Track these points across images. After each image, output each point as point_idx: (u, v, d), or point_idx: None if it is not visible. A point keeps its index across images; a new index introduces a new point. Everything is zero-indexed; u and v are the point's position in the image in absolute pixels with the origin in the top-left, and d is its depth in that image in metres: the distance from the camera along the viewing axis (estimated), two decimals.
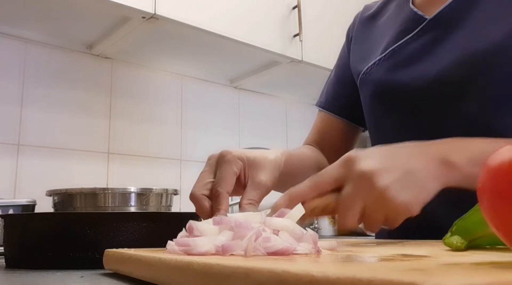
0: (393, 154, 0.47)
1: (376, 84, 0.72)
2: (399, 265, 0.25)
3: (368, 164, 0.44)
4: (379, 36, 0.76)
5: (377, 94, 0.72)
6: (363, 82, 0.75)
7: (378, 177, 0.43)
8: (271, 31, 1.52)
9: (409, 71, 0.67)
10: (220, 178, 0.53)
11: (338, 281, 0.19)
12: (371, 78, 0.73)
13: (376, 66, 0.72)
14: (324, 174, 0.47)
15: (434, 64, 0.64)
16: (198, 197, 0.52)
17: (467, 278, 0.16)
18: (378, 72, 0.72)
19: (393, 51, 0.70)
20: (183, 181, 1.64)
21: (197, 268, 0.28)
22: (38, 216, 0.57)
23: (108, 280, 0.39)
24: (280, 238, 0.36)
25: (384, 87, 0.70)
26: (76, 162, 1.42)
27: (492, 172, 0.24)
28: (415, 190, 0.44)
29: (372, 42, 0.77)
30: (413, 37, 0.68)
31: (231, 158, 0.54)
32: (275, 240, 0.35)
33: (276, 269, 0.22)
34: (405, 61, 0.68)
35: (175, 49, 1.50)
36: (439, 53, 0.64)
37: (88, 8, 1.21)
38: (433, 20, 0.66)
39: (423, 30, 0.67)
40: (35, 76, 1.38)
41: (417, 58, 0.66)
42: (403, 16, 0.72)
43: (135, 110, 1.58)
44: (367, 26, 0.82)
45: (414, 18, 0.69)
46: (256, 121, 1.91)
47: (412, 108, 0.66)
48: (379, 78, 0.71)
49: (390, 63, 0.70)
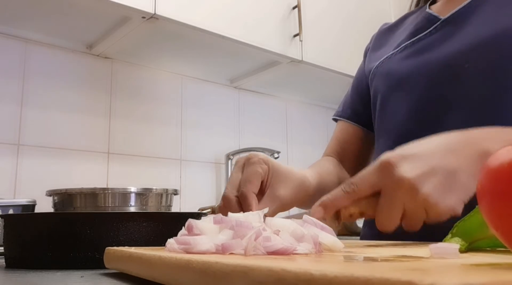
0: (430, 153, 0.45)
1: (383, 74, 0.74)
2: (398, 265, 0.25)
3: (406, 170, 0.42)
4: (394, 40, 0.79)
5: (382, 84, 0.74)
6: (373, 77, 0.78)
7: (419, 184, 0.42)
8: (271, 31, 1.53)
9: (419, 59, 0.69)
10: (245, 179, 0.54)
11: (336, 279, 0.19)
12: (382, 70, 0.75)
13: (388, 59, 0.75)
14: (360, 181, 0.45)
15: (443, 51, 0.66)
16: (230, 198, 0.54)
17: (463, 277, 0.16)
18: (388, 64, 0.75)
19: (405, 46, 0.73)
20: (183, 181, 1.64)
21: (196, 267, 0.28)
22: (38, 216, 0.57)
23: (108, 280, 0.39)
24: (280, 238, 0.36)
25: (388, 75, 0.73)
26: (76, 162, 1.42)
27: (491, 174, 0.24)
28: (457, 191, 0.43)
29: (387, 46, 0.81)
30: (426, 34, 0.71)
31: (256, 160, 0.56)
32: (275, 240, 0.35)
33: (275, 267, 0.23)
34: (416, 52, 0.71)
35: (175, 49, 1.50)
36: (449, 43, 0.67)
37: (88, 8, 1.21)
38: (447, 20, 0.69)
39: (436, 28, 0.70)
40: (35, 76, 1.38)
41: (428, 50, 0.69)
42: (419, 19, 0.75)
43: (135, 110, 1.58)
44: (384, 35, 0.86)
45: (429, 18, 0.72)
46: (256, 121, 1.91)
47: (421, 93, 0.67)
48: (390, 67, 0.74)
49: (402, 55, 0.73)
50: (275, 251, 0.34)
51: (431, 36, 0.70)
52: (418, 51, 0.70)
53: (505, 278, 0.17)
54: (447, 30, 0.69)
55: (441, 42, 0.68)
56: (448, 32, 0.68)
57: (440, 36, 0.69)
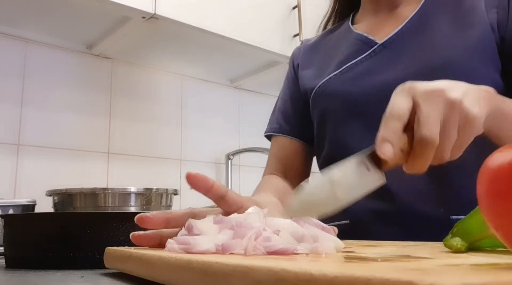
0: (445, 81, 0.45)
1: (334, 94, 0.76)
2: (398, 265, 0.25)
3: (432, 84, 0.43)
4: (328, 58, 0.82)
5: (335, 103, 0.75)
6: (318, 95, 0.79)
7: (450, 91, 0.42)
8: (271, 31, 1.53)
9: (367, 82, 0.72)
10: None
11: (336, 279, 0.19)
12: (329, 90, 0.77)
13: (333, 80, 0.77)
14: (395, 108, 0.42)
15: (390, 75, 0.70)
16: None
17: (463, 277, 0.16)
18: (335, 84, 0.76)
19: (349, 68, 0.75)
20: (183, 181, 1.63)
21: (196, 266, 0.28)
22: (38, 216, 0.57)
23: (108, 280, 0.39)
24: (280, 238, 0.36)
25: (342, 96, 0.75)
26: (76, 162, 1.42)
27: (491, 174, 0.24)
28: (480, 104, 0.44)
29: (320, 64, 0.83)
30: (366, 56, 0.75)
31: None
32: (275, 240, 0.35)
33: (275, 267, 0.23)
34: (362, 74, 0.74)
35: (175, 49, 1.50)
36: (393, 68, 0.71)
37: (88, 8, 1.21)
38: (384, 44, 0.74)
39: (375, 52, 0.74)
40: (35, 76, 1.38)
41: (373, 72, 0.73)
42: (351, 40, 0.79)
43: (135, 110, 1.58)
44: (312, 52, 0.89)
45: (366, 41, 0.76)
46: (256, 121, 1.91)
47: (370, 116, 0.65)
48: (338, 89, 0.76)
49: (347, 77, 0.75)
50: (275, 251, 0.34)
51: (371, 59, 0.74)
52: (364, 74, 0.73)
53: (505, 278, 0.17)
54: (388, 55, 0.72)
55: (385, 65, 0.72)
56: (390, 56, 0.72)
57: (381, 59, 0.73)
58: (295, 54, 0.93)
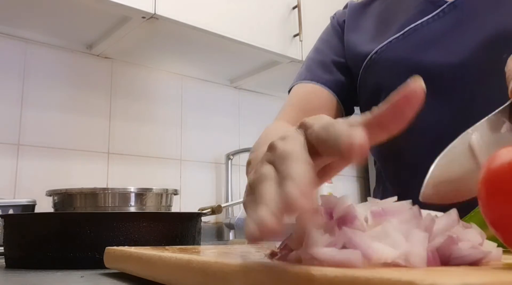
0: None
1: (396, 61, 0.67)
2: (398, 265, 0.25)
3: None
4: (382, 22, 0.72)
5: (398, 71, 0.66)
6: (375, 62, 0.69)
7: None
8: (271, 31, 1.53)
9: (434, 52, 0.64)
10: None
11: (336, 279, 0.19)
12: (389, 56, 0.68)
13: (394, 45, 0.68)
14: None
15: (460, 46, 0.62)
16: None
17: (463, 277, 0.16)
18: (396, 50, 0.67)
19: (413, 30, 0.66)
20: (183, 181, 1.64)
21: (196, 267, 0.28)
22: (38, 216, 0.57)
23: (108, 280, 0.39)
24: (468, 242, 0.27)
25: (406, 65, 0.65)
26: (76, 162, 1.42)
27: (491, 174, 0.24)
28: None
29: (373, 28, 0.73)
30: (433, 17, 0.65)
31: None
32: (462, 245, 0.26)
33: (275, 267, 0.23)
34: (428, 41, 0.65)
35: (175, 49, 1.50)
36: (464, 35, 0.62)
37: (88, 8, 1.21)
38: (454, 4, 0.64)
39: (443, 12, 0.65)
40: (35, 76, 1.38)
41: (441, 39, 0.64)
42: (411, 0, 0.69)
43: (135, 110, 1.58)
44: (360, 15, 0.78)
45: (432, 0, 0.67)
46: (256, 121, 1.91)
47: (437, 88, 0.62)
48: (400, 56, 0.66)
49: (410, 41, 0.66)
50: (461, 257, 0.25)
51: (439, 20, 0.64)
52: (431, 41, 0.64)
53: (505, 278, 0.17)
54: (457, 16, 0.63)
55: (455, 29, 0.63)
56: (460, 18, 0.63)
57: (450, 21, 0.63)
58: (339, 13, 0.82)
